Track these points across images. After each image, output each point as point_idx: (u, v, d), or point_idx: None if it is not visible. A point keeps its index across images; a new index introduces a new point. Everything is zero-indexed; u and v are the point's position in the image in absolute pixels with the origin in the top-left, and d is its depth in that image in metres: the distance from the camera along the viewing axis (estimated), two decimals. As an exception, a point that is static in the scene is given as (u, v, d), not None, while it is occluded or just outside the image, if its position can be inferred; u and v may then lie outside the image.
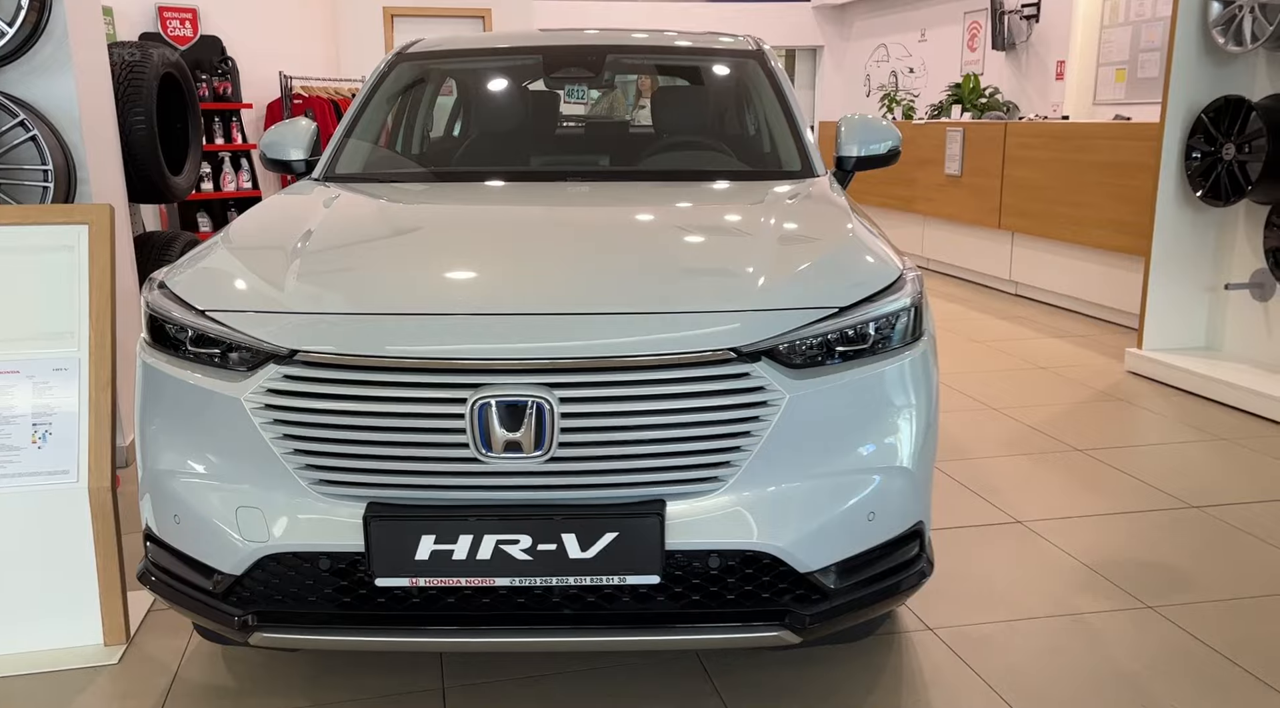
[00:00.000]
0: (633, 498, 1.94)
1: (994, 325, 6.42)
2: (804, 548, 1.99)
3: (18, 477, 2.54)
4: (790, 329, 1.99)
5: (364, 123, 3.26)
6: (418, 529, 1.89)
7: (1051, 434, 4.24)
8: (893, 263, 2.25)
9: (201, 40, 8.15)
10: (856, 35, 16.89)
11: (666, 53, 3.69)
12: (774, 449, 1.96)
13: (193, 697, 2.39)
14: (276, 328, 1.97)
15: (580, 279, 2.12)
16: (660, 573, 1.93)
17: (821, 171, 3.05)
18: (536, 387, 1.88)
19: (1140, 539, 3.22)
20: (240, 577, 1.99)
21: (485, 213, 2.68)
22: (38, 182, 3.43)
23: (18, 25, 3.36)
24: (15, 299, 2.60)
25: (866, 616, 2.16)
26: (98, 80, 3.94)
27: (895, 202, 8.97)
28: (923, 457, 2.17)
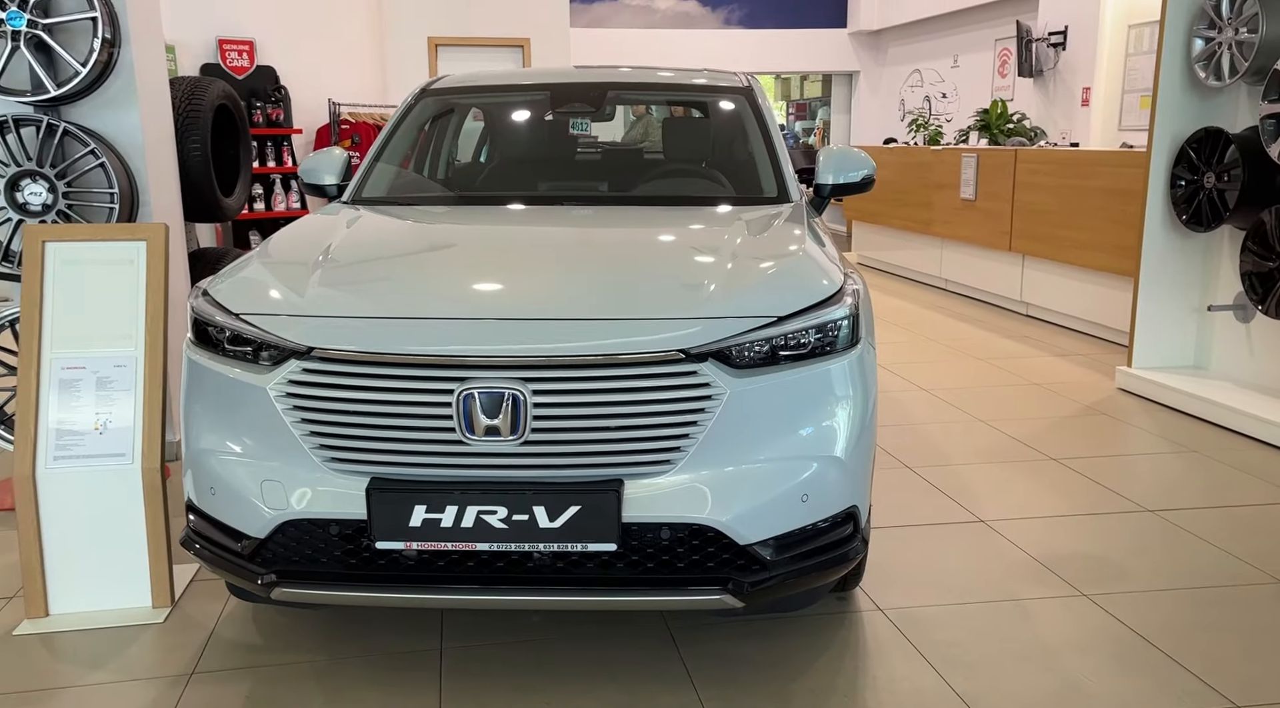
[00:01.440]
0: (595, 477, 2.27)
1: (999, 344, 6.67)
2: (743, 523, 2.32)
3: (82, 458, 2.94)
4: (733, 334, 2.32)
5: (390, 151, 3.66)
6: (411, 500, 2.24)
7: (1031, 445, 4.50)
8: (834, 278, 2.57)
9: (257, 70, 8.68)
10: (891, 61, 17.17)
11: (663, 90, 4.05)
12: (717, 437, 2.29)
13: (225, 651, 2.76)
14: (297, 329, 2.34)
15: (554, 289, 2.48)
16: (617, 542, 2.26)
17: (795, 197, 3.38)
18: (513, 380, 2.23)
19: (1090, 538, 3.48)
20: (264, 540, 2.36)
21: (484, 232, 3.06)
22: (105, 203, 3.86)
23: (89, 65, 3.80)
24: (85, 305, 3.02)
25: (804, 586, 2.47)
26: (159, 112, 4.39)
27: (915, 225, 9.23)
28: (857, 449, 2.48)
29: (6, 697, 2.55)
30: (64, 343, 2.99)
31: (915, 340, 6.81)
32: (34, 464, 2.91)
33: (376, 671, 2.66)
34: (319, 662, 2.70)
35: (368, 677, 2.63)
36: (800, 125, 20.73)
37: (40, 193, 3.82)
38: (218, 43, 8.44)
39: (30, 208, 3.81)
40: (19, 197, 3.80)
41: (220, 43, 8.44)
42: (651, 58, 15.85)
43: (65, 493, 2.93)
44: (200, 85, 4.88)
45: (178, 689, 2.57)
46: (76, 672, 2.67)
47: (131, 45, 4.05)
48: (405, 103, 3.85)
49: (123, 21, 4.02)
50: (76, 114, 4.03)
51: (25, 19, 3.73)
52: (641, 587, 2.33)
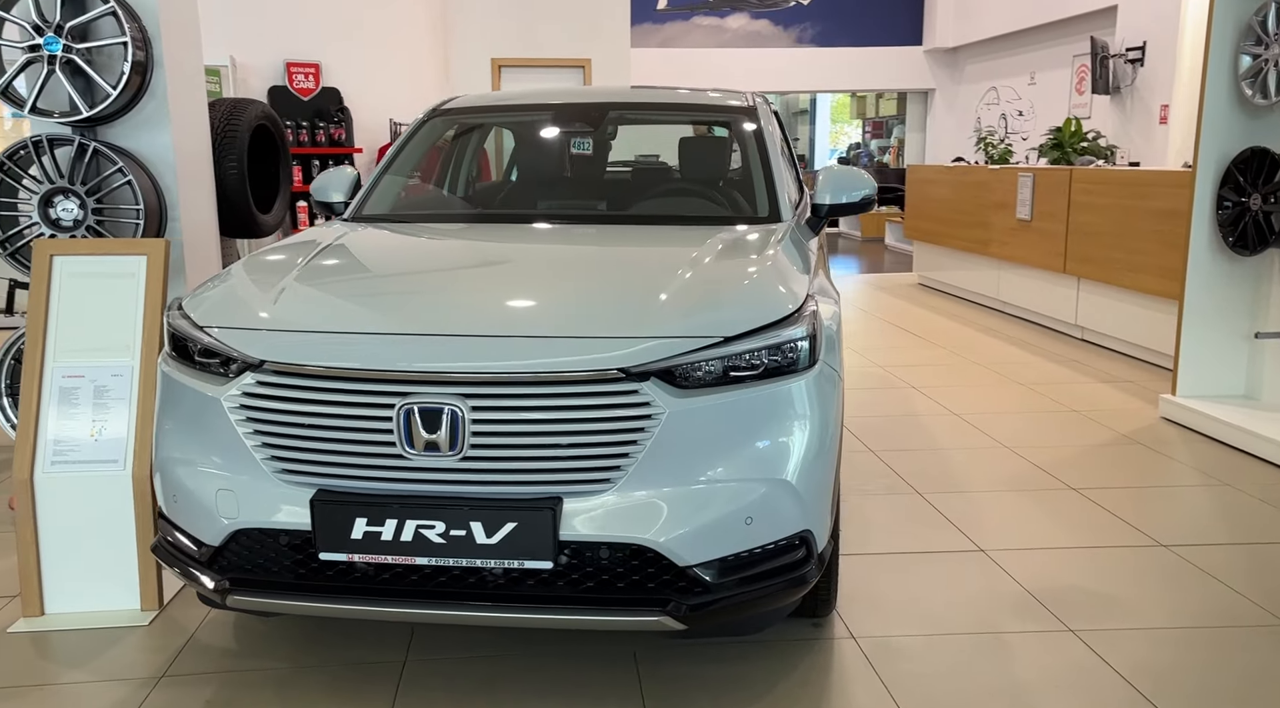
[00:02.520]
0: (534, 494, 2.28)
1: (1046, 369, 6.47)
2: (682, 544, 2.29)
3: (78, 463, 3.07)
4: (675, 354, 2.31)
5: (394, 169, 3.73)
6: (352, 512, 2.28)
7: (1053, 473, 4.35)
8: (791, 298, 2.53)
9: (323, 92, 8.96)
10: (968, 78, 16.88)
11: (664, 109, 4.06)
12: (657, 457, 2.27)
13: (198, 655, 2.84)
14: (252, 342, 2.40)
15: (498, 306, 2.50)
16: (553, 560, 2.26)
17: (786, 217, 3.34)
18: (452, 397, 2.25)
19: (1093, 572, 3.35)
20: (219, 548, 2.42)
21: (454, 250, 3.11)
22: (131, 218, 4.02)
23: (120, 88, 3.97)
24: (86, 316, 3.15)
25: (753, 610, 2.43)
26: (195, 132, 4.56)
27: (972, 245, 9.03)
28: (810, 473, 2.43)
29: (-14, 691, 2.66)
30: (66, 353, 3.12)
31: (958, 364, 6.66)
32: (32, 469, 3.04)
33: (337, 680, 2.70)
34: (283, 669, 2.76)
35: (327, 686, 2.67)
36: (876, 144, 20.51)
37: (72, 209, 4.00)
38: (285, 66, 8.74)
39: (62, 223, 4.00)
40: (52, 212, 3.99)
41: (288, 66, 8.74)
42: (719, 77, 15.88)
43: (61, 497, 3.05)
44: (239, 106, 5.05)
45: (145, 691, 2.65)
46: (55, 670, 2.77)
47: (165, 69, 4.23)
48: (415, 122, 3.93)
49: (157, 47, 4.20)
50: (112, 134, 4.21)
51: (61, 44, 3.93)
52: (580, 606, 2.32)
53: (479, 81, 10.25)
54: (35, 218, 3.97)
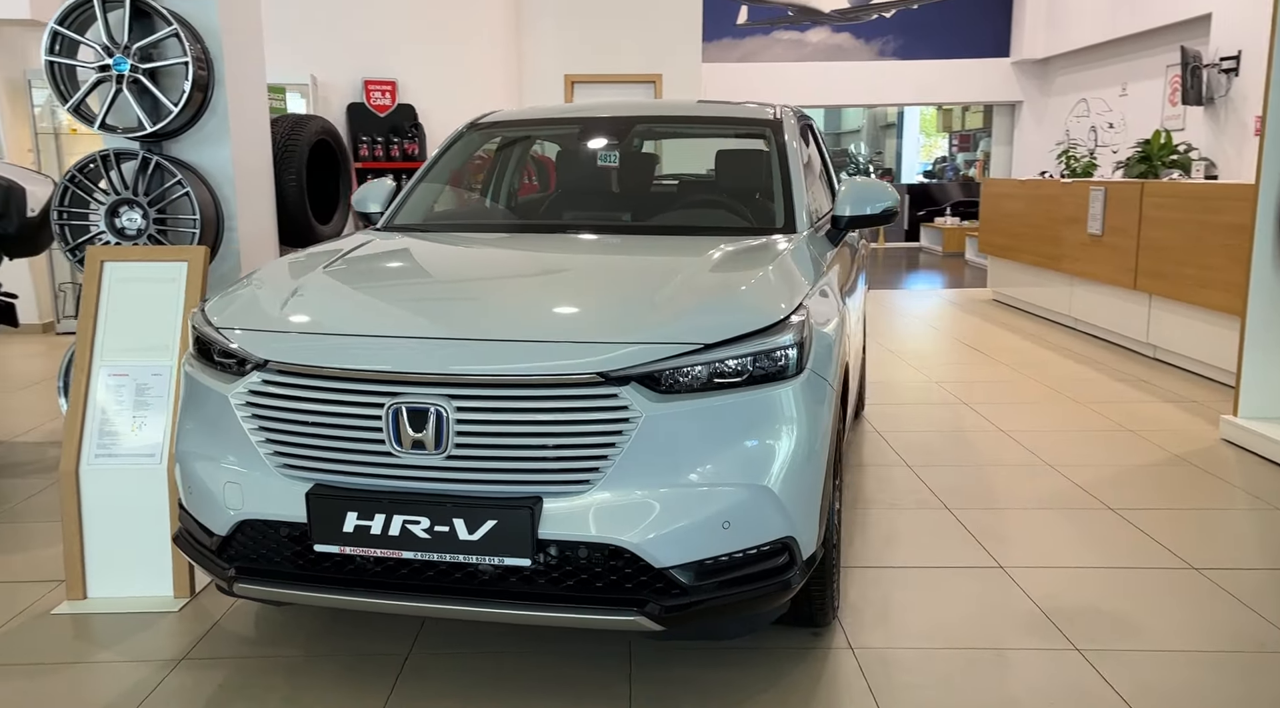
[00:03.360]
0: (516, 493, 2.35)
1: (1110, 388, 6.29)
2: (658, 546, 2.34)
3: (119, 456, 3.26)
4: (655, 359, 2.36)
5: (428, 181, 3.87)
6: (344, 507, 2.39)
7: (1093, 493, 4.25)
8: (779, 307, 2.56)
9: (399, 108, 9.26)
10: (1057, 90, 16.49)
11: (690, 123, 4.11)
12: (634, 460, 2.33)
13: (219, 641, 2.99)
14: (260, 342, 2.54)
15: (484, 310, 2.60)
16: (531, 558, 2.34)
17: (802, 228, 3.37)
18: (438, 397, 2.35)
19: (1113, 592, 3.27)
20: (226, 538, 2.56)
21: (459, 257, 3.22)
22: (189, 228, 4.25)
23: (182, 105, 4.20)
24: (131, 318, 3.35)
25: (733, 614, 2.47)
26: (255, 147, 4.79)
27: (1044, 260, 8.83)
28: (793, 481, 2.45)
29: (21, 667, 2.85)
30: (112, 352, 3.33)
31: (1018, 382, 6.52)
32: (78, 461, 3.24)
33: (343, 669, 2.81)
34: (296, 657, 2.88)
35: (333, 675, 2.79)
36: (963, 157, 20.16)
37: (135, 219, 4.25)
38: (363, 83, 9.07)
39: (126, 232, 4.25)
40: (117, 222, 4.24)
41: (366, 83, 9.06)
42: (798, 91, 15.86)
43: (104, 488, 3.25)
44: (300, 122, 5.29)
45: (164, 672, 2.80)
46: (88, 649, 2.95)
47: (227, 88, 4.46)
48: (452, 135, 4.07)
49: (219, 67, 4.43)
50: (177, 148, 4.46)
51: (129, 64, 4.18)
52: (559, 603, 2.38)
53: (552, 97, 10.45)
54: (102, 226, 4.24)
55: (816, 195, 3.89)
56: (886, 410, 5.69)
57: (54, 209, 4.23)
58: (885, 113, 23.29)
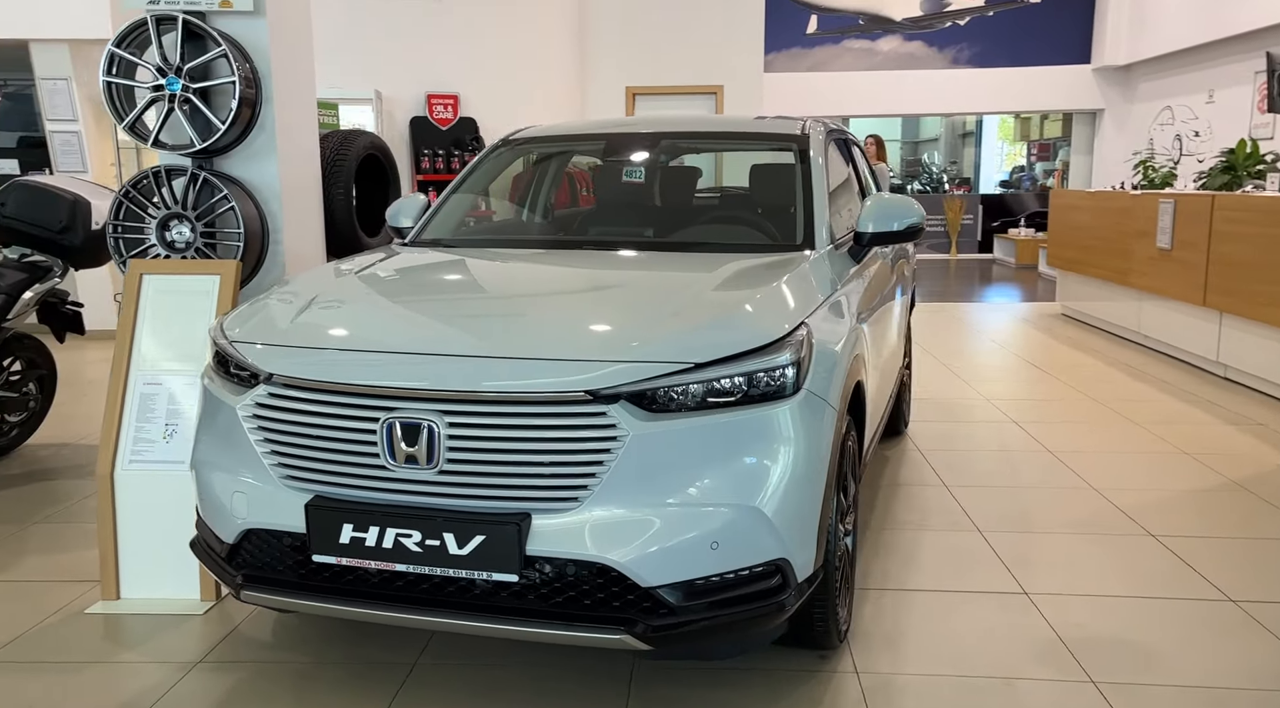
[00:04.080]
0: (506, 510, 2.38)
1: (1173, 409, 6.07)
2: (645, 565, 2.34)
3: (151, 463, 3.38)
4: (644, 378, 2.36)
5: (456, 196, 3.94)
6: (340, 519, 2.44)
7: (1135, 518, 4.11)
8: (777, 327, 2.54)
9: (460, 122, 9.43)
10: (1140, 97, 16.00)
11: (717, 138, 4.10)
12: (622, 478, 2.34)
13: (237, 645, 3.07)
14: (267, 356, 2.62)
15: (478, 327, 2.64)
16: (518, 573, 2.36)
17: (821, 246, 3.33)
18: (430, 412, 2.39)
19: (1141, 623, 3.16)
20: (234, 545, 2.64)
21: (470, 273, 3.26)
22: (234, 241, 4.39)
23: (229, 123, 4.35)
24: (167, 329, 3.48)
25: (724, 636, 2.46)
26: (302, 162, 4.92)
27: (1113, 274, 8.57)
28: (786, 502, 2.43)
29: (49, 664, 2.97)
30: (148, 362, 3.46)
31: (1075, 400, 6.34)
32: (113, 465, 3.37)
33: (349, 677, 2.87)
34: (306, 663, 2.95)
35: (337, 681, 2.85)
36: (1042, 167, 19.68)
37: (184, 232, 4.40)
38: (426, 97, 9.25)
39: (176, 245, 4.40)
40: (168, 235, 4.40)
41: (429, 97, 9.25)
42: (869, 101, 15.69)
43: (137, 493, 3.38)
44: (349, 138, 5.42)
45: (180, 674, 2.90)
46: (112, 649, 3.06)
47: (274, 105, 4.60)
48: (485, 151, 4.13)
49: (267, 85, 4.57)
50: (227, 164, 4.60)
51: (180, 84, 4.35)
52: (547, 620, 2.40)
53: (613, 109, 10.52)
54: (153, 240, 4.40)
55: (846, 211, 3.84)
56: (932, 428, 5.58)
57: (109, 222, 4.41)
58: (964, 122, 22.87)
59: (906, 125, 24.64)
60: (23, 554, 3.84)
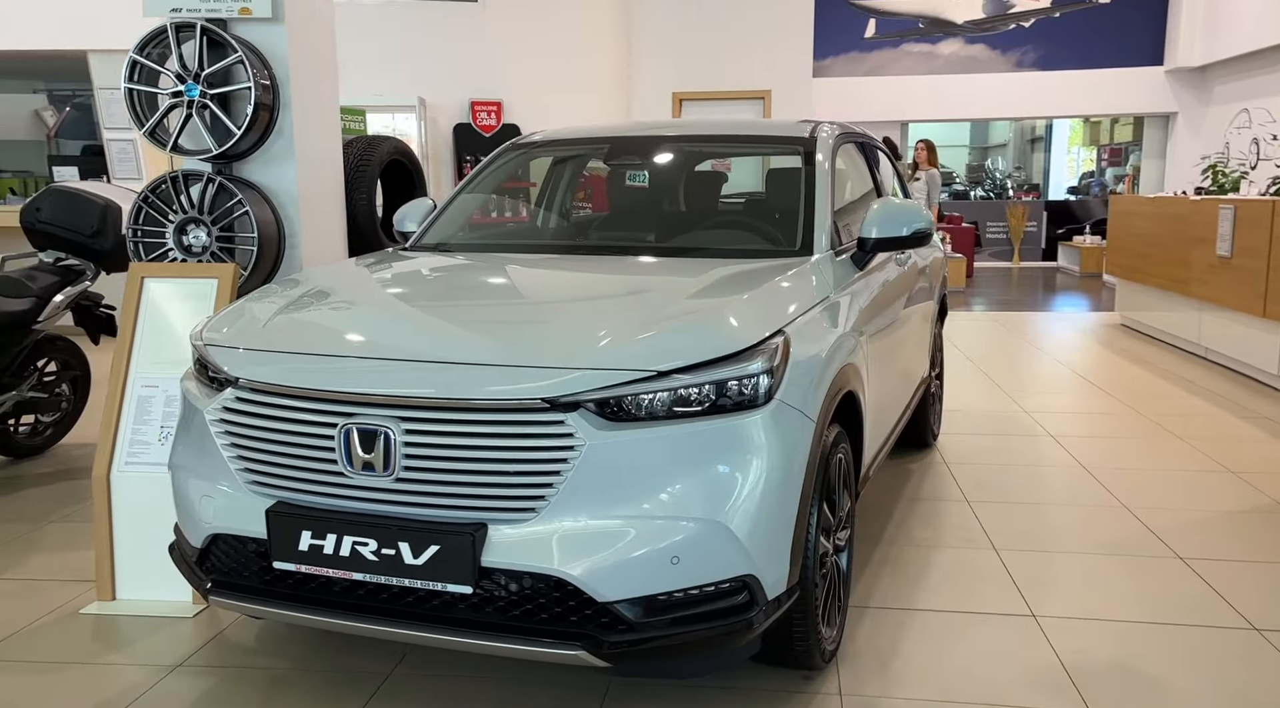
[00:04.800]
0: (462, 519, 2.32)
1: (1224, 425, 5.79)
2: (600, 579, 2.26)
3: (146, 465, 3.40)
4: (603, 386, 2.29)
5: (459, 201, 3.90)
6: (299, 525, 2.41)
7: (1164, 539, 3.90)
8: (749, 335, 2.44)
9: (504, 128, 9.46)
10: (1216, 100, 15.43)
11: (723, 142, 4.00)
12: (579, 489, 2.26)
13: (219, 649, 3.07)
14: (234, 360, 2.60)
15: (437, 332, 2.59)
16: (473, 585, 2.30)
17: (819, 252, 3.22)
18: (386, 419, 2.34)
19: (1152, 650, 2.98)
20: (203, 550, 2.62)
21: (446, 278, 3.22)
22: (248, 245, 4.42)
23: (244, 128, 4.38)
24: (165, 332, 3.50)
25: (687, 653, 2.36)
26: (322, 167, 4.93)
27: (1172, 283, 8.23)
28: (754, 516, 2.34)
29: (34, 663, 2.99)
30: (146, 364, 3.48)
31: (1122, 414, 6.08)
32: (110, 467, 3.40)
33: (322, 684, 2.84)
34: (282, 669, 2.93)
35: (310, 688, 2.82)
36: (1112, 172, 19.10)
37: (201, 237, 4.44)
38: (470, 104, 9.30)
39: (193, 249, 4.44)
40: (185, 240, 4.46)
41: (472, 104, 9.29)
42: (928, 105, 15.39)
43: (133, 494, 3.40)
44: (373, 143, 5.44)
45: (159, 676, 2.89)
46: (98, 651, 3.08)
47: (293, 111, 4.63)
48: (490, 157, 4.10)
49: (285, 91, 4.60)
50: (247, 169, 4.64)
51: (199, 90, 4.40)
52: (503, 633, 2.33)
53: (660, 115, 10.45)
54: (171, 244, 4.46)
55: (857, 216, 3.72)
56: (963, 441, 5.40)
57: (128, 226, 4.48)
58: (1033, 127, 22.33)
59: (975, 130, 24.16)
60: (33, 552, 3.91)
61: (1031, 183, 21.18)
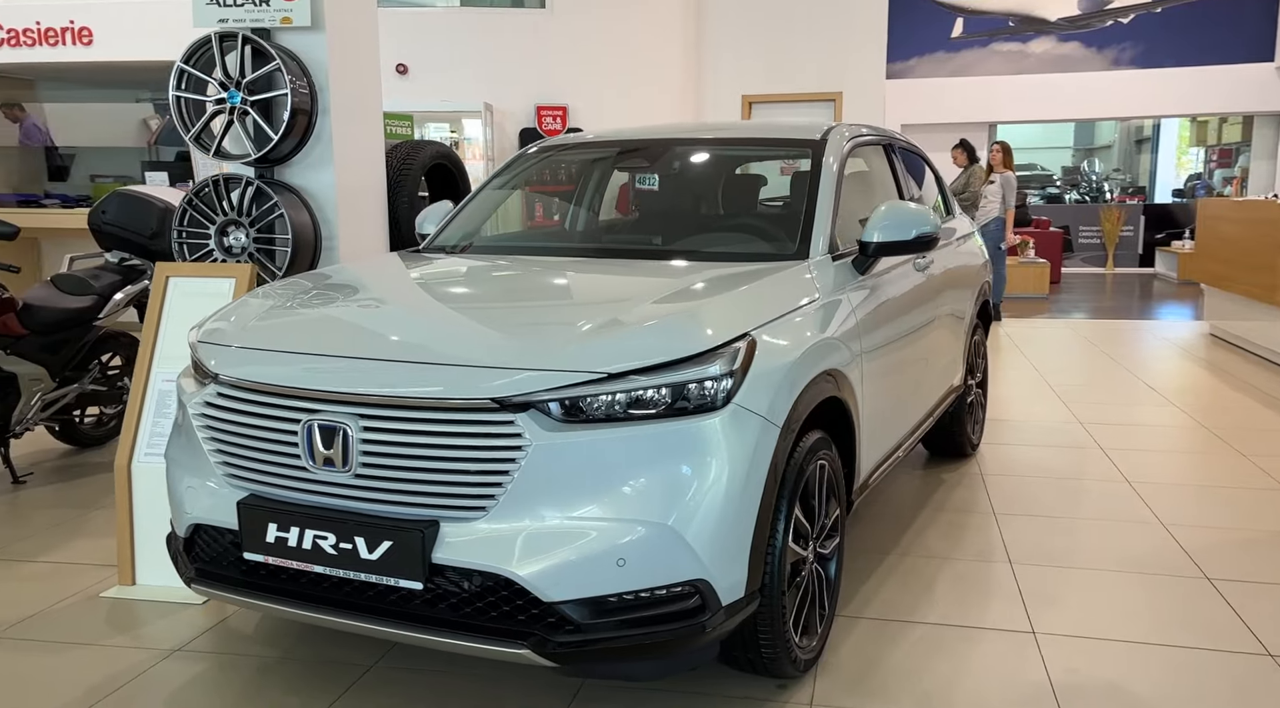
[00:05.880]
0: (416, 516, 2.36)
1: (1295, 438, 5.48)
2: (545, 580, 2.27)
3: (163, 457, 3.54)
4: (553, 387, 2.30)
5: (473, 205, 3.96)
6: (266, 518, 2.49)
7: (1196, 559, 3.71)
8: (708, 338, 2.43)
9: (568, 133, 9.55)
10: (1333, 97, 14.58)
11: (733, 144, 3.96)
12: (526, 489, 2.28)
13: (218, 636, 3.18)
14: (218, 357, 2.70)
15: (397, 332, 2.63)
16: (423, 581, 2.33)
17: (815, 255, 3.17)
18: (346, 415, 2.40)
19: (1154, 674, 2.84)
20: (187, 539, 2.73)
21: (427, 279, 3.26)
22: (284, 247, 4.57)
23: (281, 134, 4.53)
24: (183, 328, 3.63)
25: (639, 656, 2.36)
26: (363, 170, 5.06)
27: (1259, 291, 7.82)
28: (707, 520, 2.32)
29: (48, 643, 3.15)
30: (167, 359, 3.63)
31: (1184, 428, 5.81)
32: (130, 458, 3.56)
33: (304, 674, 2.92)
34: (271, 657, 3.02)
35: (292, 677, 2.90)
36: (1221, 174, 18.22)
37: (240, 238, 4.62)
38: (536, 109, 9.42)
39: (233, 250, 4.63)
40: (225, 241, 4.64)
41: (538, 109, 9.41)
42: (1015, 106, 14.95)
43: (152, 484, 3.54)
44: (416, 148, 5.57)
45: (156, 659, 3.02)
46: (106, 633, 3.22)
47: (331, 117, 4.77)
48: (507, 161, 4.15)
49: (324, 97, 4.74)
50: (288, 174, 4.81)
51: (240, 96, 4.57)
52: (454, 629, 2.36)
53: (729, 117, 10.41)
54: (213, 245, 4.64)
55: None
56: (1006, 451, 5.23)
57: (174, 228, 4.68)
58: (1140, 127, 21.46)
59: (1080, 131, 23.36)
60: (75, 537, 4.11)
61: (1137, 186, 20.35)
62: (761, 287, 2.83)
